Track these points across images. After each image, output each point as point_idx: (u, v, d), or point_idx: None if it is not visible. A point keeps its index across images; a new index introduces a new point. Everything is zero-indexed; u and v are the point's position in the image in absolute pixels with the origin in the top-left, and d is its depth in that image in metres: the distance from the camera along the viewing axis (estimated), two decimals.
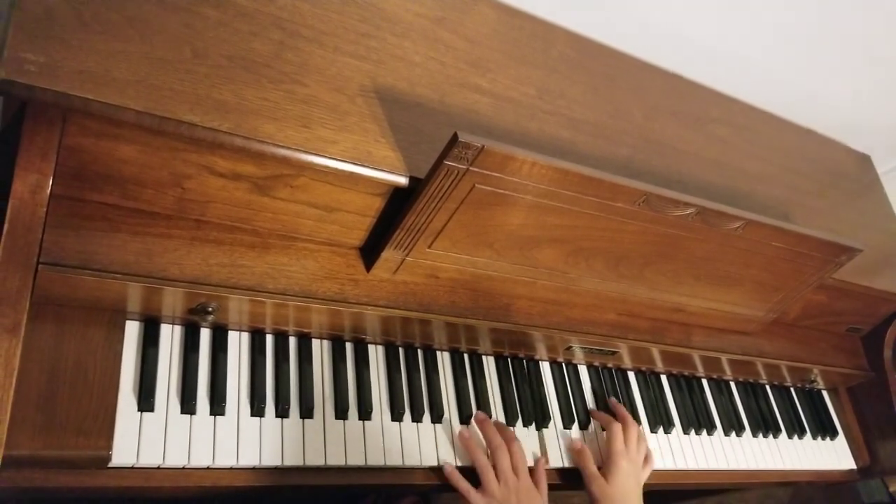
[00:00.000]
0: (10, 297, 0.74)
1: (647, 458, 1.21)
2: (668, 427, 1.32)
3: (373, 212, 0.97)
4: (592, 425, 1.23)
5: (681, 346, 1.30)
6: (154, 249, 0.87)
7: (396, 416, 1.05)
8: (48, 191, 0.78)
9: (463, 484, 1.03)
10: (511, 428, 1.14)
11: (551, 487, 1.12)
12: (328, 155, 0.88)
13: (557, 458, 1.16)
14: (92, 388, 0.83)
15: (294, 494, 1.00)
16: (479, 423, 1.10)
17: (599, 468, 1.15)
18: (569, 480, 1.17)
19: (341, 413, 1.00)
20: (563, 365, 1.27)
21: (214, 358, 0.95)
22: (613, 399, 1.27)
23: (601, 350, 1.24)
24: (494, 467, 1.04)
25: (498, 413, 1.15)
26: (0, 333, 0.72)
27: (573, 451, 1.18)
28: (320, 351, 1.04)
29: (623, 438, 1.17)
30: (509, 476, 1.04)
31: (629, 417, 1.22)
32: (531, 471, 1.09)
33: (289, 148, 0.85)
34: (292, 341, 1.02)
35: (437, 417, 1.08)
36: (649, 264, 1.15)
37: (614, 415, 1.23)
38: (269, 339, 1.01)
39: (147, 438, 0.87)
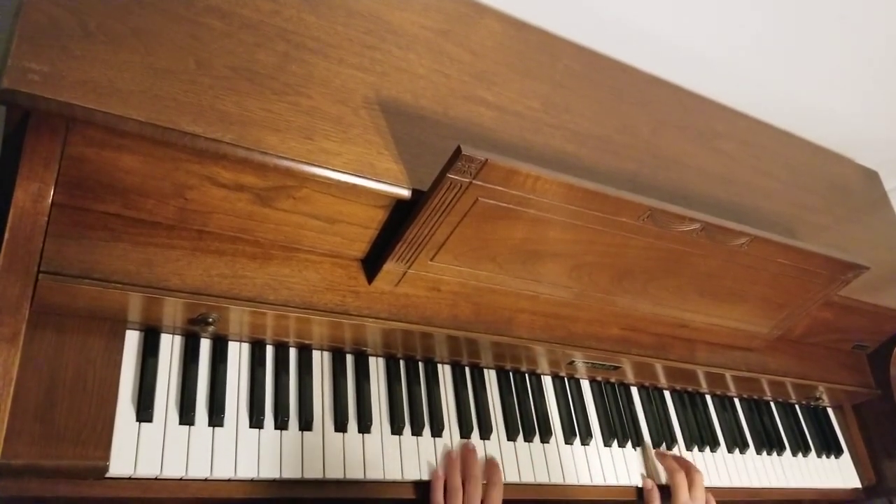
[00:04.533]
0: (10, 306, 0.73)
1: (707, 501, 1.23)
2: (671, 444, 1.31)
3: (375, 224, 0.97)
4: (595, 440, 1.23)
5: (684, 361, 1.29)
6: (155, 259, 0.87)
7: (396, 429, 1.04)
8: (50, 200, 0.78)
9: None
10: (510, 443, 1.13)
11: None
12: (331, 167, 0.87)
13: (558, 474, 1.15)
14: (90, 397, 0.83)
15: None
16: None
17: None
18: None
19: (341, 426, 1.00)
20: (566, 379, 1.26)
21: (214, 369, 0.95)
22: (676, 454, 1.30)
23: (604, 365, 1.23)
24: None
25: (499, 427, 1.14)
26: None
27: (644, 491, 1.20)
28: (320, 363, 1.03)
29: (688, 488, 1.20)
30: None
31: (692, 465, 1.24)
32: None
33: (291, 159, 0.85)
34: (292, 353, 1.02)
35: (437, 431, 1.07)
36: (653, 279, 1.14)
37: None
38: (270, 350, 1.01)
39: (145, 449, 0.86)
